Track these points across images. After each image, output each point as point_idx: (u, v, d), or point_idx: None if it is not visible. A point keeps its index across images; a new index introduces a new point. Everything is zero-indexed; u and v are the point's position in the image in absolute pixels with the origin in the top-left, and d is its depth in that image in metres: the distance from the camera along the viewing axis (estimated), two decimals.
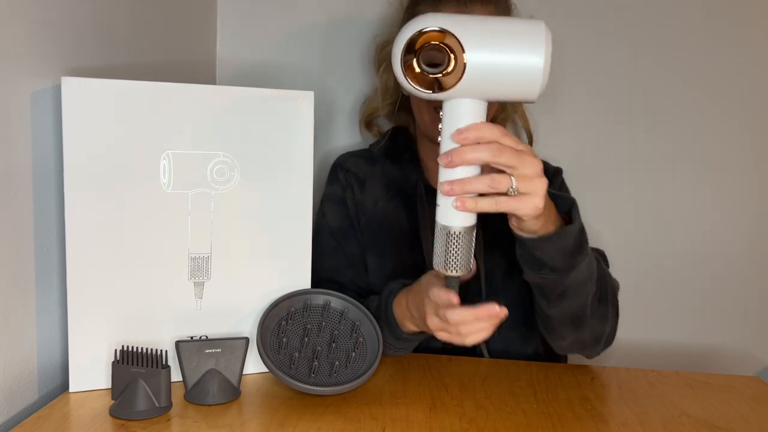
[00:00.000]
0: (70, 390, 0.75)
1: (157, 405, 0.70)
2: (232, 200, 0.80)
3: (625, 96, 1.23)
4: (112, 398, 0.72)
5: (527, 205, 0.66)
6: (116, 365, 0.71)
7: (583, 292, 0.79)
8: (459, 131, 0.65)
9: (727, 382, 0.85)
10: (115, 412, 0.70)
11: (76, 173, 0.73)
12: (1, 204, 0.68)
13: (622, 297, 1.07)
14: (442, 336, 0.73)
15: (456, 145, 0.65)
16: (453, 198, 0.65)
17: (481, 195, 0.66)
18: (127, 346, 0.72)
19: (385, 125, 1.17)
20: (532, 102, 0.66)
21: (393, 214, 1.03)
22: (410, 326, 0.82)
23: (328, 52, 1.27)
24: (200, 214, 0.79)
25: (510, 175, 0.65)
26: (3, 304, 0.69)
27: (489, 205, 0.66)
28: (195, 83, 0.78)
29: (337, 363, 0.78)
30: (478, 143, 0.64)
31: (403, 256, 1.00)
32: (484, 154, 0.64)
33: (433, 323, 0.73)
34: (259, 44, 1.27)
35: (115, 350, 0.73)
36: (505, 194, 0.65)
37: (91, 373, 0.76)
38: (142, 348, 0.72)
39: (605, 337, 0.87)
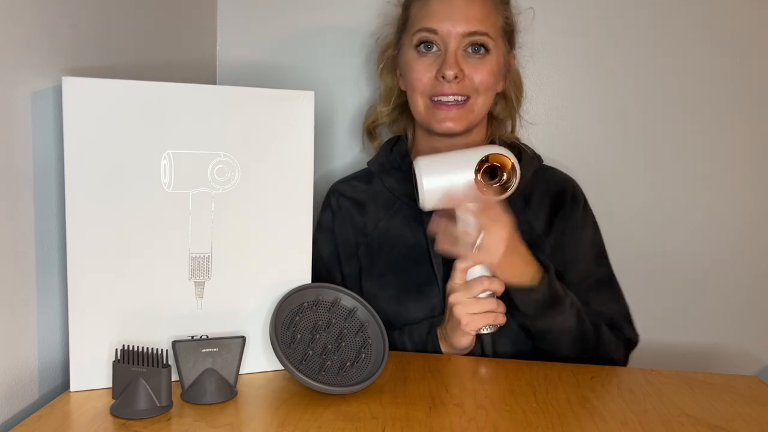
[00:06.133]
0: (71, 389, 0.75)
1: (158, 404, 0.70)
2: (233, 200, 0.80)
3: (626, 96, 1.24)
4: (113, 397, 0.72)
5: (487, 257, 0.87)
6: (117, 365, 0.72)
7: (558, 339, 0.93)
8: None
9: (727, 381, 0.85)
10: (116, 412, 0.70)
11: (76, 173, 0.73)
12: (1, 204, 0.68)
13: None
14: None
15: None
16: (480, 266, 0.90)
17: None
18: (128, 346, 0.72)
19: (387, 135, 1.16)
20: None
21: (395, 231, 1.02)
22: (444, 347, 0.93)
23: (328, 52, 1.27)
24: (201, 214, 0.79)
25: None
26: (4, 304, 0.69)
27: (458, 250, 0.88)
28: (195, 83, 0.78)
29: (348, 363, 0.78)
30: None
31: (410, 273, 1.00)
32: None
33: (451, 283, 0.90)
34: (259, 44, 1.28)
35: (116, 350, 0.73)
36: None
37: (91, 373, 0.76)
38: (142, 347, 0.72)
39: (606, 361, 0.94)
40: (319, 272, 1.03)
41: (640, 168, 1.25)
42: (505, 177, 0.88)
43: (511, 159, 0.88)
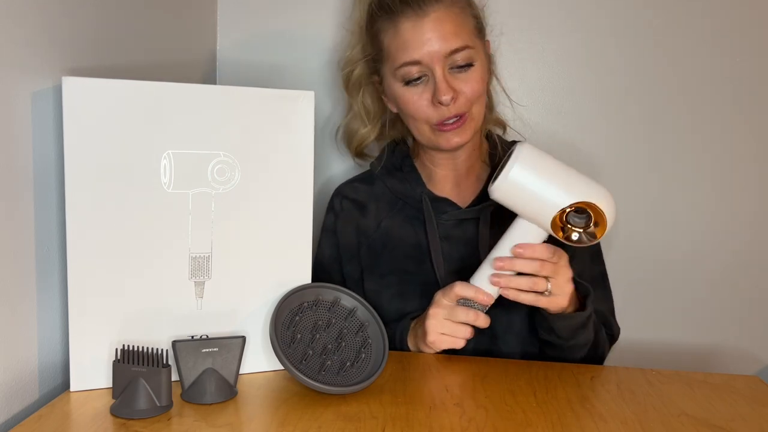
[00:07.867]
0: (71, 389, 0.75)
1: (158, 404, 0.70)
2: (233, 200, 0.80)
3: (625, 95, 1.24)
4: (113, 397, 0.72)
5: (555, 304, 0.86)
6: (117, 364, 0.72)
7: (577, 351, 0.94)
8: (520, 246, 0.84)
9: (727, 381, 0.85)
10: (116, 411, 0.70)
11: (76, 173, 0.73)
12: (1, 204, 0.68)
13: (622, 297, 1.07)
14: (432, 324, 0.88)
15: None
16: (490, 276, 0.85)
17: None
18: (128, 346, 0.72)
19: (376, 150, 1.13)
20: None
21: (397, 231, 1.02)
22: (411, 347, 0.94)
23: (328, 52, 1.27)
24: (201, 214, 0.79)
25: (547, 281, 0.84)
26: (4, 304, 0.69)
27: (529, 299, 0.85)
28: (195, 83, 0.78)
29: (348, 363, 0.78)
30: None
31: (411, 273, 1.00)
32: (531, 268, 0.83)
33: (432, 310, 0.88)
34: (259, 44, 1.27)
35: (116, 349, 0.73)
36: (542, 293, 0.85)
37: (91, 373, 0.76)
38: (142, 347, 0.72)
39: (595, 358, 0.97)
40: (319, 274, 1.03)
41: (640, 168, 1.25)
42: (590, 229, 0.82)
43: (608, 223, 0.82)
